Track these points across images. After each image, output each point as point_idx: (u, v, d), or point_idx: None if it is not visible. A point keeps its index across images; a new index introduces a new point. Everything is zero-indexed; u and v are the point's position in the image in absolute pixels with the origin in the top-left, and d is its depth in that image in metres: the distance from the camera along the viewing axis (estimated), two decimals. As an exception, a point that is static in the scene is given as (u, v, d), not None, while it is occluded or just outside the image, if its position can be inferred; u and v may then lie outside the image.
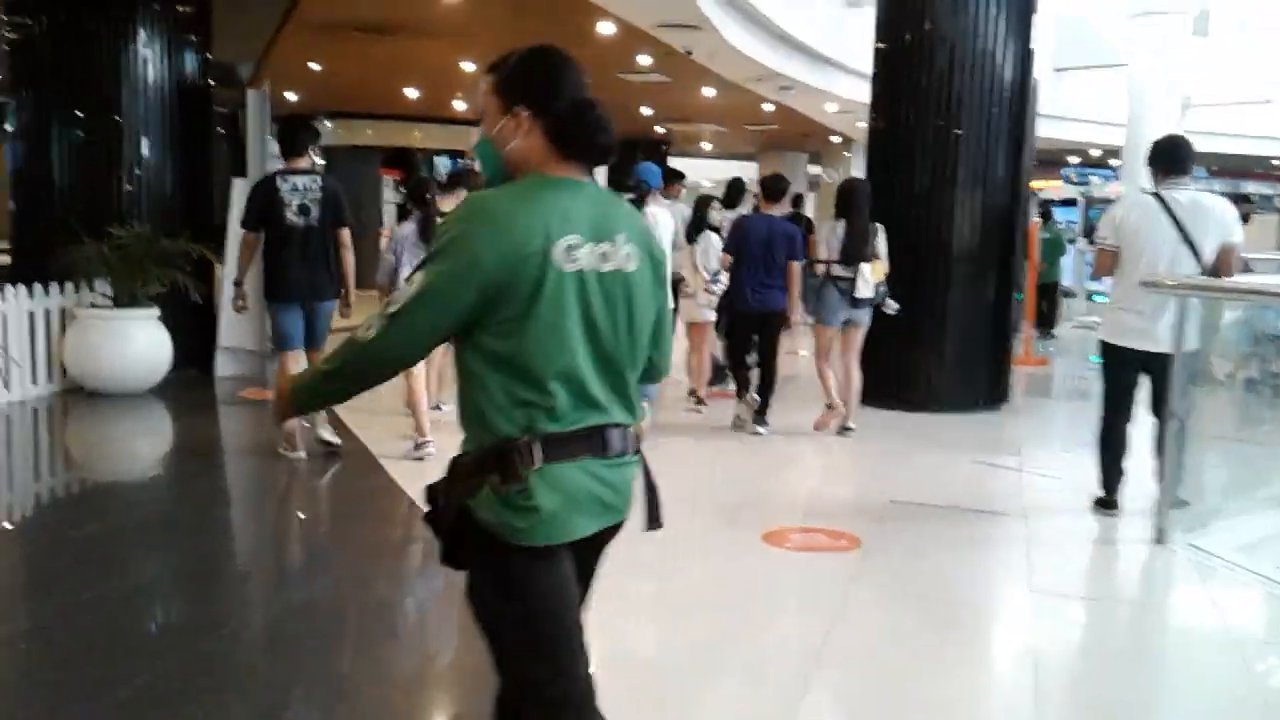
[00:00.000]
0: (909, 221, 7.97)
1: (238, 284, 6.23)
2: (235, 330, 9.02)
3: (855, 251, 6.81)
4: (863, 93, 16.90)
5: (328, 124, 20.56)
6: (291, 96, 17.49)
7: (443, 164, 22.38)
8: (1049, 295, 13.32)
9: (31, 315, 7.83)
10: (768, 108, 17.07)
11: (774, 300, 7.03)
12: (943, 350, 8.09)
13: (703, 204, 8.20)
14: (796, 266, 7.02)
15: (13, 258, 8.84)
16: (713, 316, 7.88)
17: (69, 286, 8.08)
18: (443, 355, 6.66)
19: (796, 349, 10.16)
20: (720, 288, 7.54)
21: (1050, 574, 4.61)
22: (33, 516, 5.47)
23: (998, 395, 8.31)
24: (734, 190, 9.28)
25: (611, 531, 2.06)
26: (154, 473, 6.48)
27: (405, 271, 6.04)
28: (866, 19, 14.70)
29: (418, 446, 6.15)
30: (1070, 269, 14.71)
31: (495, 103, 2.03)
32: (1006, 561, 4.85)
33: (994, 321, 8.21)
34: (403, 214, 7.66)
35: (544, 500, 1.88)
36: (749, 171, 31.79)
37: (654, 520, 2.14)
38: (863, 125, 20.01)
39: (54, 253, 7.83)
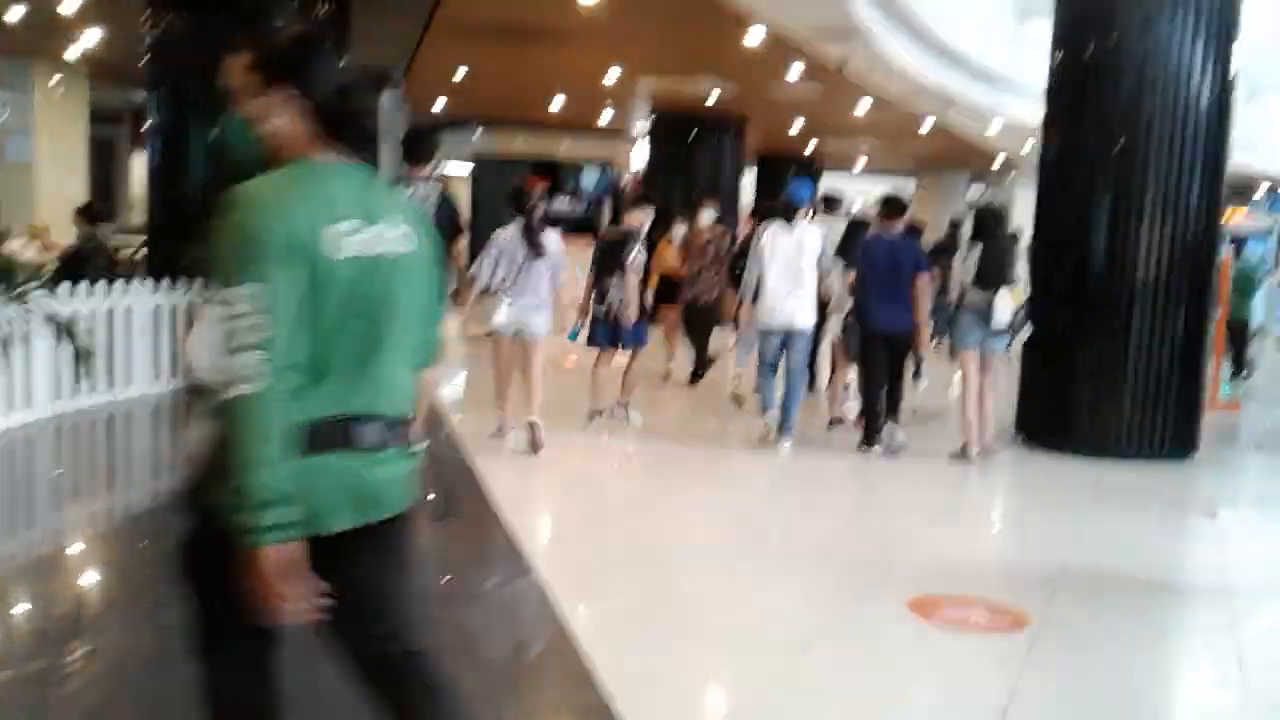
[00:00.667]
0: (1086, 250, 7.26)
1: None
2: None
3: (990, 276, 6.55)
4: (1031, 113, 15.93)
5: (478, 132, 20.64)
6: (440, 103, 17.50)
7: (589, 175, 22.27)
8: (1239, 334, 12.04)
9: (157, 310, 7.73)
10: (927, 123, 16.15)
11: (901, 320, 6.78)
12: (1123, 390, 7.18)
13: (856, 227, 7.93)
14: (923, 280, 6.79)
15: (148, 253, 8.85)
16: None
17: (198, 283, 7.97)
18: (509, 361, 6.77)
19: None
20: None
21: (1270, 675, 3.78)
22: (136, 519, 5.21)
23: (1185, 443, 7.33)
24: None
25: (382, 528, 1.97)
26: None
27: (501, 272, 6.38)
28: (1040, 32, 13.83)
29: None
30: (1262, 306, 13.33)
31: (254, 80, 1.95)
32: (1211, 654, 4.02)
33: (1184, 361, 7.24)
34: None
35: (286, 493, 1.78)
36: (905, 192, 30.80)
37: (440, 514, 2.14)
38: (1029, 146, 18.96)
39: (187, 248, 7.75)
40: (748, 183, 24.18)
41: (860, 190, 27.86)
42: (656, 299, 9.56)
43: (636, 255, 7.05)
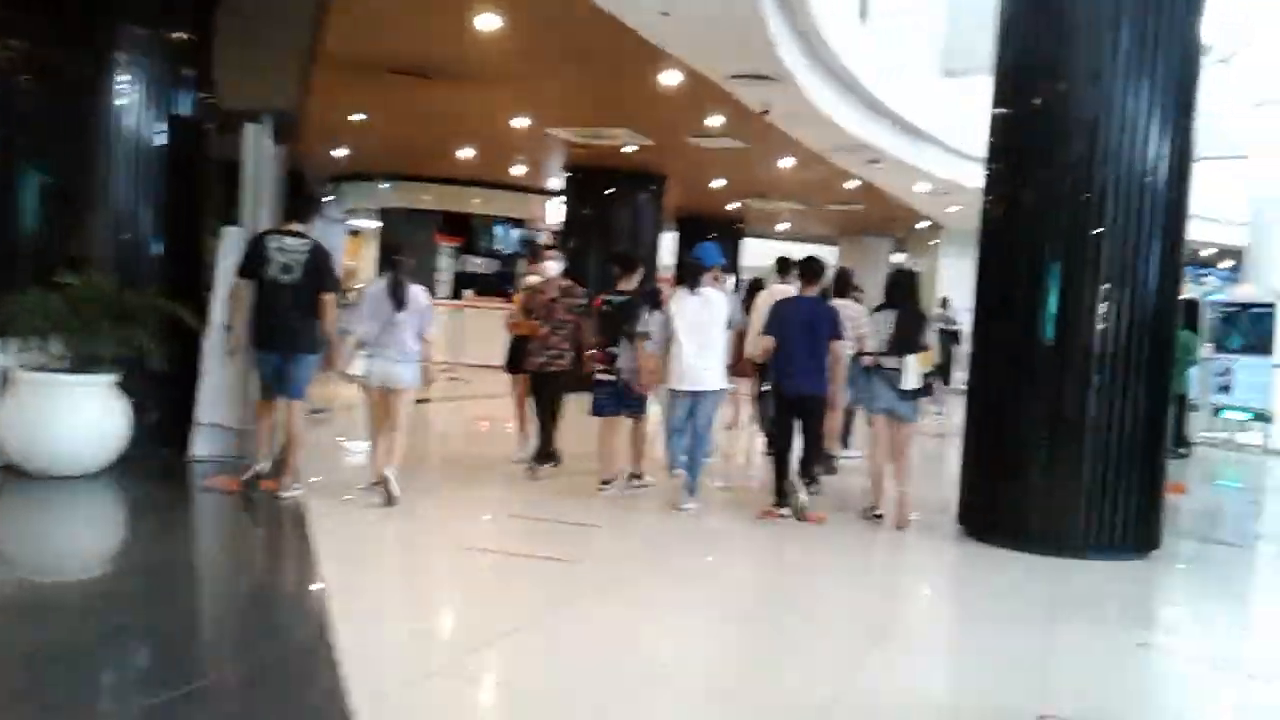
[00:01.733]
0: (1034, 322, 6.45)
1: (229, 328, 6.83)
2: (216, 404, 7.62)
3: (903, 342, 6.63)
4: (959, 171, 15.51)
5: (383, 186, 19.60)
6: (341, 153, 16.45)
7: (501, 232, 21.28)
8: (1178, 410, 11.42)
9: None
10: (851, 185, 15.55)
11: (814, 384, 6.74)
12: (1077, 478, 6.33)
13: (755, 286, 8.38)
14: (838, 346, 6.79)
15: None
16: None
17: (14, 344, 6.75)
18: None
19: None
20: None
21: None
22: None
23: (1146, 537, 6.49)
24: (842, 280, 8.95)
25: None
26: (65, 583, 4.98)
27: (368, 325, 6.58)
28: (965, 90, 13.32)
29: None
30: (1194, 380, 12.81)
31: None
32: None
33: (1145, 443, 6.43)
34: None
35: None
36: (827, 258, 30.44)
37: None
38: (955, 209, 18.54)
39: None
40: (668, 242, 23.56)
41: (781, 254, 27.70)
42: (506, 365, 8.60)
43: (647, 324, 7.04)
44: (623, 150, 13.58)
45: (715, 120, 11.35)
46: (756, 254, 27.45)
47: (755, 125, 11.31)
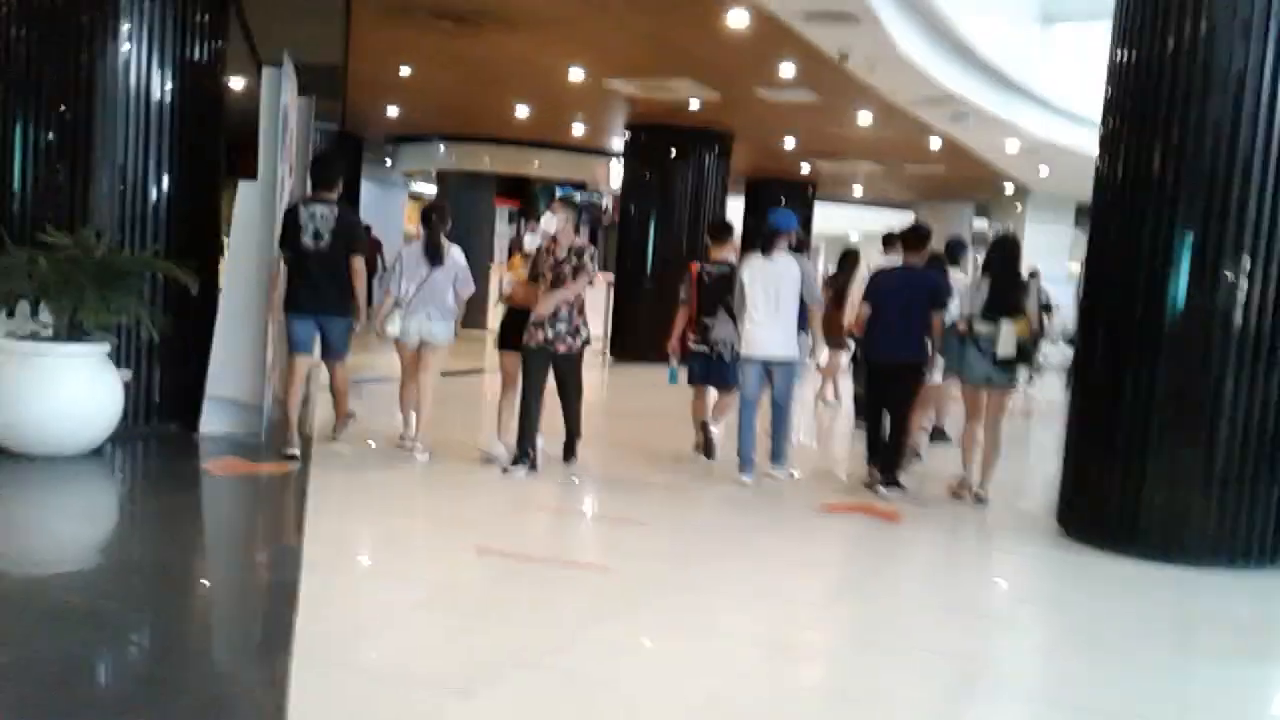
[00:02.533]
0: (1159, 300, 5.46)
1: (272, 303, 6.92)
2: (228, 376, 6.98)
3: (996, 305, 6.35)
4: (1053, 128, 14.30)
5: (441, 148, 18.90)
6: (393, 111, 15.74)
7: (561, 193, 20.51)
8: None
9: (-66, 345, 5.91)
10: (934, 143, 14.42)
11: (907, 351, 6.56)
12: (1205, 473, 5.37)
13: (849, 257, 8.66)
14: (939, 316, 6.55)
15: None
16: (938, 378, 7.60)
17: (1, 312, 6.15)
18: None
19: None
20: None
21: None
22: None
23: (1284, 547, 5.51)
24: (956, 249, 8.63)
25: None
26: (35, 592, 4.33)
27: (405, 284, 6.83)
28: (1064, 39, 12.10)
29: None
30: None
31: None
32: None
33: (1287, 439, 5.43)
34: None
35: None
36: (903, 224, 28.95)
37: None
38: (1045, 171, 17.27)
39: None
40: (736, 208, 22.53)
41: (857, 220, 26.41)
42: (500, 340, 7.03)
43: (741, 293, 6.81)
44: (687, 106, 12.65)
45: (787, 70, 10.36)
46: (829, 220, 26.40)
47: (830, 75, 10.31)
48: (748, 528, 5.84)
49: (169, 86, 6.83)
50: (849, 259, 9.98)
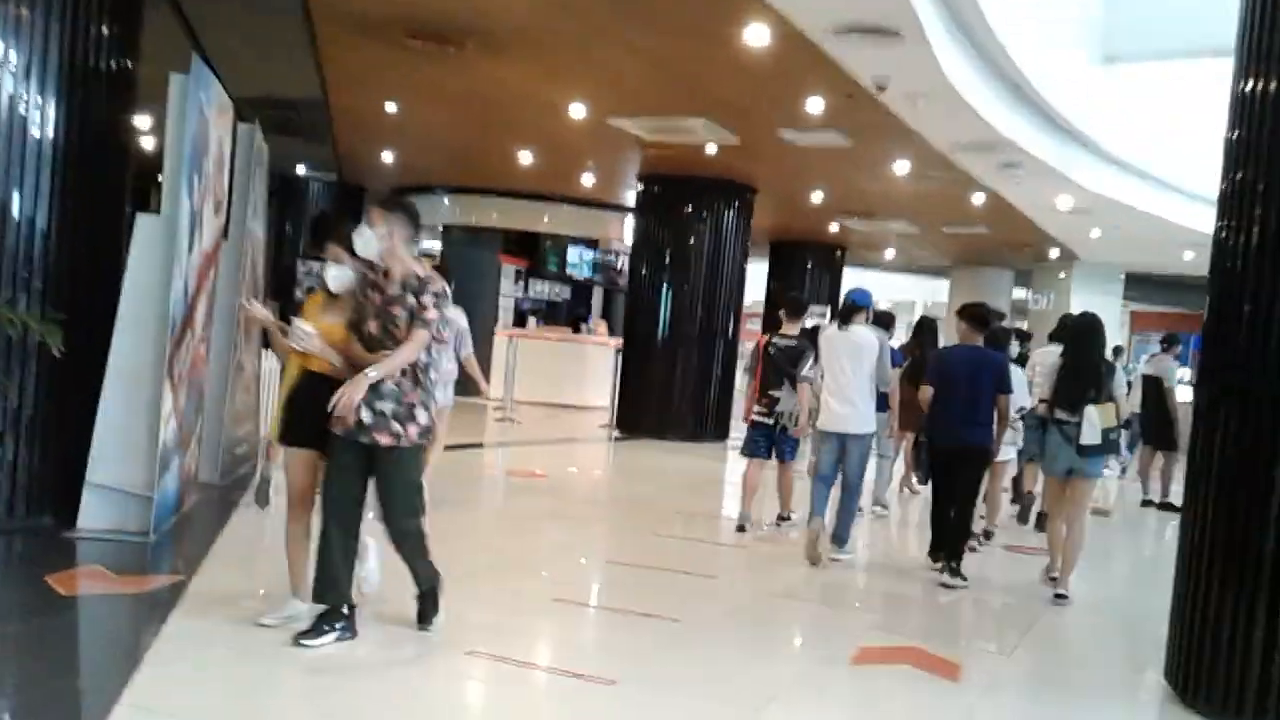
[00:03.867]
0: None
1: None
2: (112, 458, 5.59)
3: (1071, 392, 6.09)
4: (1110, 183, 12.88)
5: (445, 200, 17.71)
6: (389, 158, 14.56)
7: (577, 255, 19.23)
8: None
9: None
10: (977, 199, 13.04)
11: (972, 435, 6.32)
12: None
13: (925, 328, 8.84)
14: (1005, 400, 6.37)
15: None
16: (1012, 455, 7.85)
17: None
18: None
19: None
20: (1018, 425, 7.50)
21: None
22: None
23: None
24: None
25: None
26: None
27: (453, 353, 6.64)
28: (1126, 81, 10.72)
29: None
30: None
31: None
32: None
33: None
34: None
35: None
36: (936, 292, 27.44)
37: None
38: (1097, 234, 15.83)
39: None
40: (759, 272, 21.19)
41: (888, 287, 24.96)
42: (282, 430, 4.52)
43: (812, 368, 6.98)
44: (703, 150, 11.36)
45: (814, 106, 9.04)
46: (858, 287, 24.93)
47: (864, 114, 8.99)
48: (756, 688, 4.34)
49: (50, 112, 5.55)
50: (925, 329, 9.13)
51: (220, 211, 6.80)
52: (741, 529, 7.36)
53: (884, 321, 8.04)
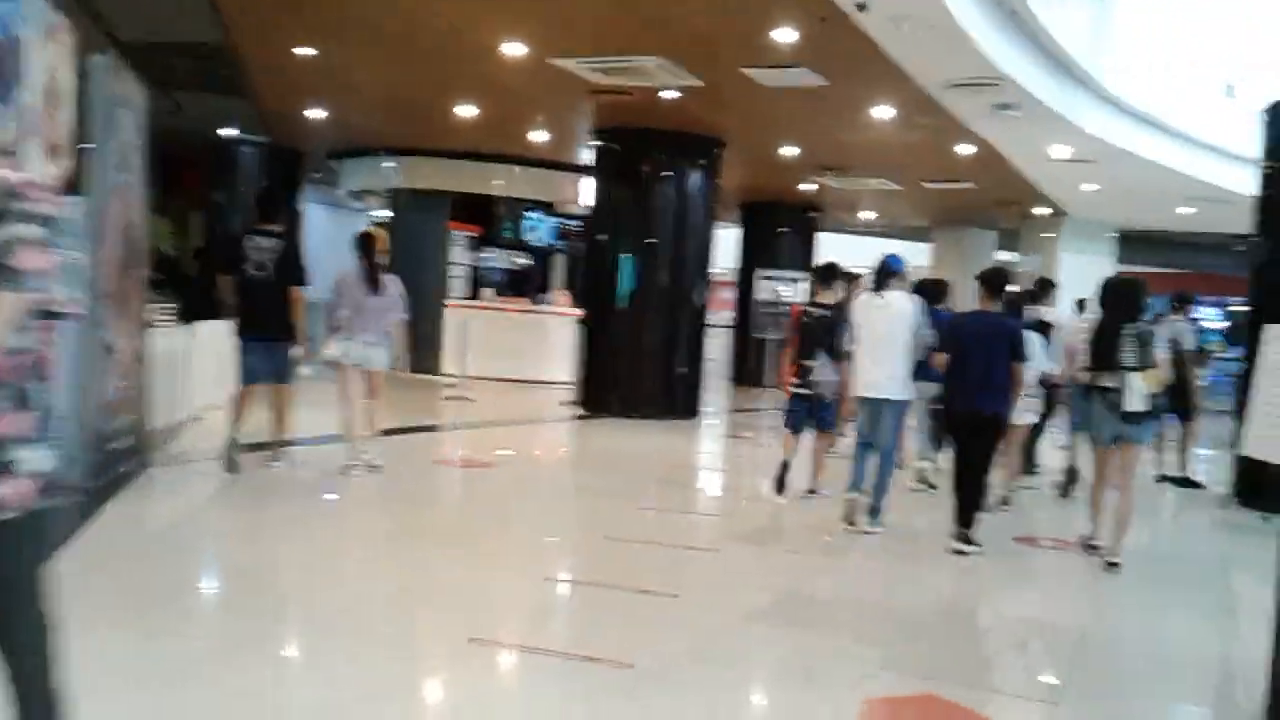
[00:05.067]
0: None
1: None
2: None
3: (1102, 357, 5.99)
4: (1111, 128, 11.77)
5: (389, 163, 16.41)
6: (318, 114, 13.20)
7: (534, 220, 17.96)
8: None
9: None
10: (965, 149, 11.89)
11: (989, 402, 6.15)
12: None
13: (934, 286, 8.22)
14: (1020, 368, 6.23)
15: None
16: (1027, 420, 7.67)
17: None
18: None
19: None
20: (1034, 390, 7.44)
21: None
22: None
23: None
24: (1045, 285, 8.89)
25: None
26: None
27: (343, 311, 7.25)
28: (1125, 19, 9.64)
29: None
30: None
31: None
32: None
33: None
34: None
35: None
36: (916, 256, 26.30)
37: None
38: (1089, 188, 14.74)
39: None
40: (730, 238, 20.01)
41: (864, 250, 23.81)
42: None
43: (848, 336, 6.89)
44: (661, 98, 10.14)
45: (784, 35, 7.84)
46: (833, 252, 23.81)
47: (841, 44, 7.80)
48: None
49: None
50: (939, 289, 8.42)
51: (60, 157, 5.54)
52: (781, 486, 7.37)
53: (932, 292, 7.98)
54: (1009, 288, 6.79)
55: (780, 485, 7.37)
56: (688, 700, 3.71)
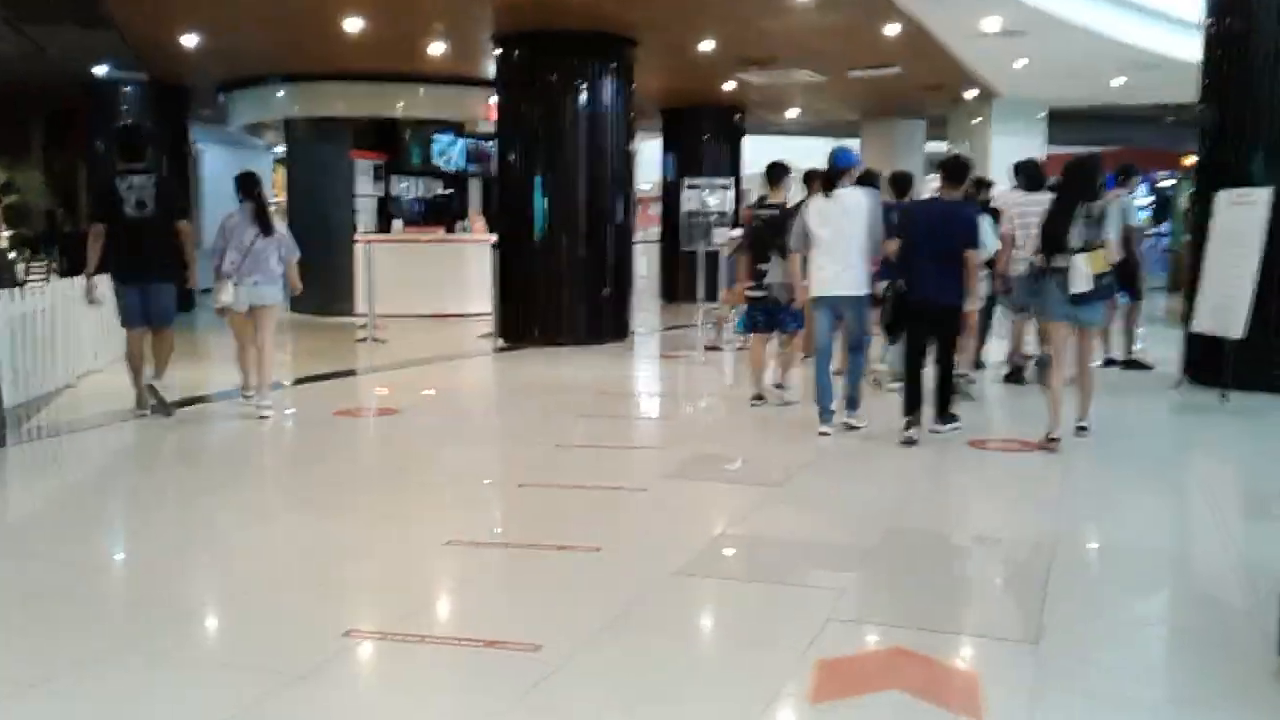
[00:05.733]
0: None
1: (89, 276, 7.07)
2: None
3: (1049, 238, 6.07)
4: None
5: (280, 91, 15.26)
6: (192, 40, 12.04)
7: (444, 144, 16.87)
8: None
9: None
10: (891, 30, 11.13)
11: (944, 293, 6.19)
12: None
13: (902, 179, 8.21)
14: (974, 255, 6.25)
15: None
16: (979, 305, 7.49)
17: None
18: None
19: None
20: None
21: None
22: None
23: None
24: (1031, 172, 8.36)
25: None
26: None
27: (230, 254, 7.08)
28: None
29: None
30: None
31: None
32: None
33: None
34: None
35: None
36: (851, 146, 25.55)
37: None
38: (1022, 64, 14.02)
39: None
40: (651, 148, 19.16)
41: (794, 153, 23.09)
42: None
43: (795, 236, 6.67)
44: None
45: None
46: (761, 157, 23.00)
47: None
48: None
49: None
50: (902, 185, 8.31)
51: None
52: (759, 399, 7.51)
53: (901, 184, 8.04)
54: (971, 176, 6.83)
55: (758, 397, 7.53)
56: (598, 689, 3.07)
